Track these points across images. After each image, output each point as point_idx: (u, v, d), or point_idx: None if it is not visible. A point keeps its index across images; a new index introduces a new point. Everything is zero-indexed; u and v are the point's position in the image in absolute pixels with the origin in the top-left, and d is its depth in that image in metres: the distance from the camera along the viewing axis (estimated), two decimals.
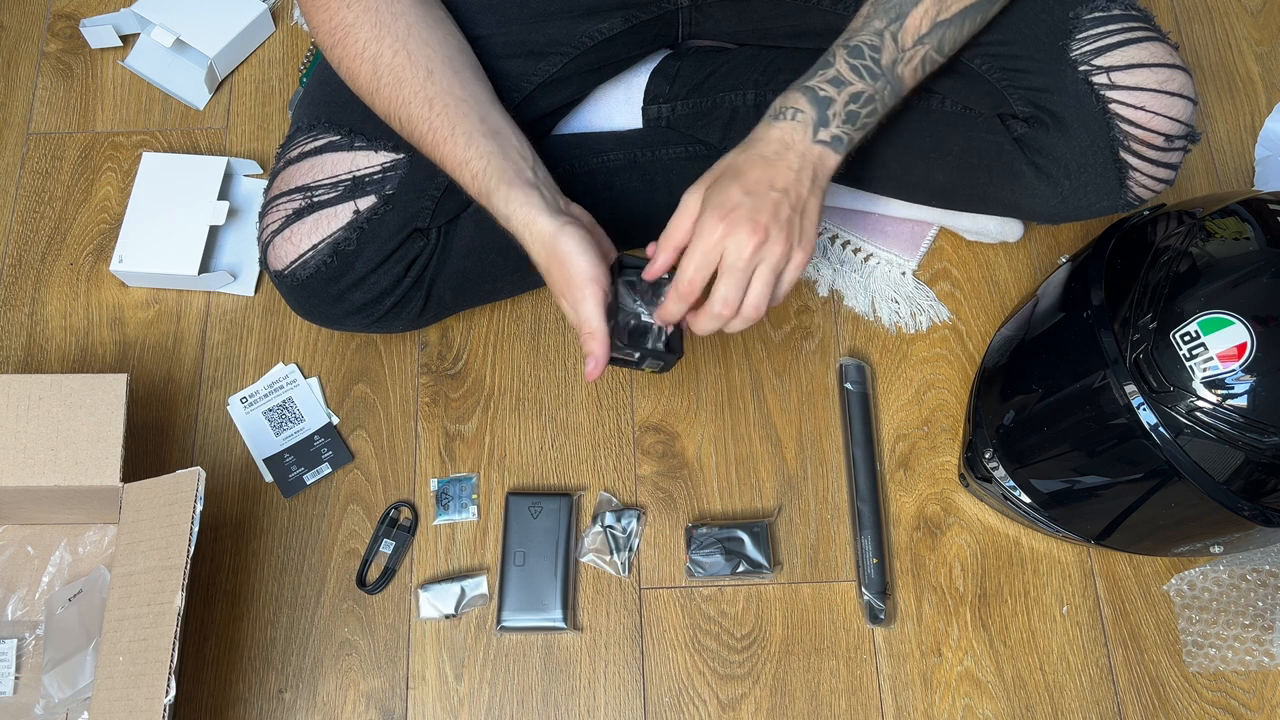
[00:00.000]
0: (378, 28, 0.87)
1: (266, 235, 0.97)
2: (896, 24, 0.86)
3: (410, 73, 0.88)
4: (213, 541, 1.06)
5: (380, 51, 0.88)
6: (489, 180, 0.86)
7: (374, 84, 0.89)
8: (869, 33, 0.86)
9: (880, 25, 0.86)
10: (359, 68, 0.89)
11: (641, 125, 1.14)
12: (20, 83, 1.27)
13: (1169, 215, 0.92)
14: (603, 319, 0.83)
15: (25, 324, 1.15)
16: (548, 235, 0.83)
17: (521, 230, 0.85)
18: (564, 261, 0.83)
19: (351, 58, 0.88)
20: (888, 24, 0.86)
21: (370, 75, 0.88)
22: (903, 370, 1.14)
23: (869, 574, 1.04)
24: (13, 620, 1.02)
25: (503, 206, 0.85)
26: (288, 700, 1.01)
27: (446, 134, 0.87)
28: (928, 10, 0.86)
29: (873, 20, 0.87)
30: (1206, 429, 0.83)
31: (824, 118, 0.84)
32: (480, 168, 0.86)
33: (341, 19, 0.88)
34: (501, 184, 0.85)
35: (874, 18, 0.87)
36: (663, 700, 1.02)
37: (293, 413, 1.11)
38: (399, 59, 0.88)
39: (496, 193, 0.85)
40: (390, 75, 0.88)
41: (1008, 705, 1.02)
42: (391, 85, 0.88)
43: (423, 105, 0.87)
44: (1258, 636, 1.04)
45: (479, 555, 1.06)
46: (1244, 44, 1.32)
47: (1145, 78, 0.91)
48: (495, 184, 0.85)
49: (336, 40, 0.89)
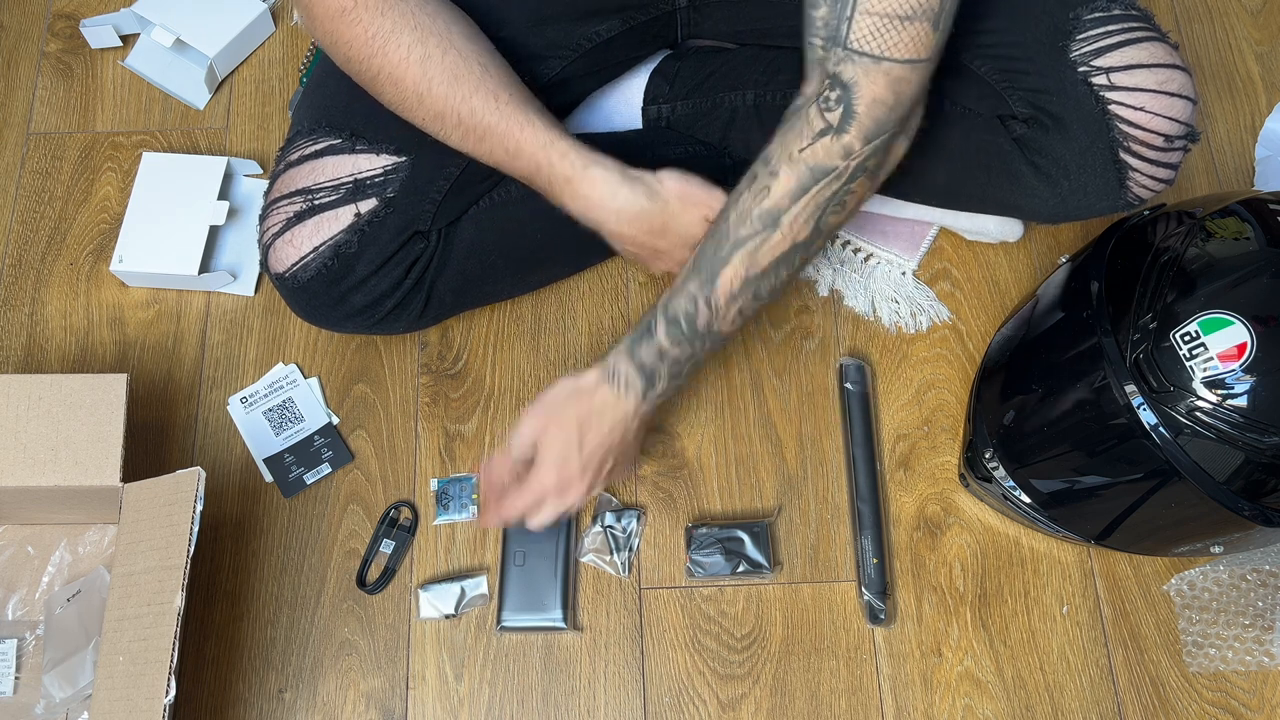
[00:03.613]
0: (419, 30, 0.86)
1: (267, 238, 0.97)
2: (709, 286, 0.86)
3: (465, 69, 0.88)
4: (213, 541, 1.06)
5: (429, 52, 0.87)
6: (582, 156, 0.90)
7: (424, 85, 0.87)
8: (685, 298, 0.87)
9: (694, 289, 0.86)
10: (404, 72, 0.87)
11: (641, 126, 1.14)
12: (20, 83, 1.27)
13: (1169, 215, 0.92)
14: None
15: (25, 324, 1.15)
16: (662, 182, 0.91)
17: (629, 192, 0.90)
18: (696, 196, 0.91)
19: (396, 63, 0.87)
20: (700, 287, 0.86)
21: (420, 76, 0.87)
22: (903, 370, 1.14)
23: (869, 574, 1.04)
24: (13, 620, 1.02)
25: (606, 175, 0.90)
26: (288, 700, 1.01)
27: (523, 120, 0.89)
28: (736, 271, 0.85)
29: (688, 283, 0.87)
30: (1206, 429, 0.83)
31: (649, 386, 0.90)
32: (569, 146, 0.90)
33: (379, 28, 0.86)
34: (598, 155, 0.90)
35: (689, 279, 0.87)
36: (663, 700, 1.02)
37: (293, 413, 1.11)
38: (450, 56, 0.87)
39: (595, 164, 0.90)
40: (444, 73, 0.87)
41: (1008, 705, 1.02)
42: (448, 82, 0.87)
43: (487, 98, 0.88)
44: (1258, 636, 1.04)
45: (479, 555, 1.06)
46: (1244, 44, 1.32)
47: (1145, 78, 0.91)
48: (591, 157, 0.90)
49: (374, 50, 0.87)
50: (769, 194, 0.83)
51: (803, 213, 0.84)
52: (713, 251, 0.86)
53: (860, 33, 0.78)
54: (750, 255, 0.85)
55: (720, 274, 0.86)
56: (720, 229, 0.86)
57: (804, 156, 0.82)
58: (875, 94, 0.80)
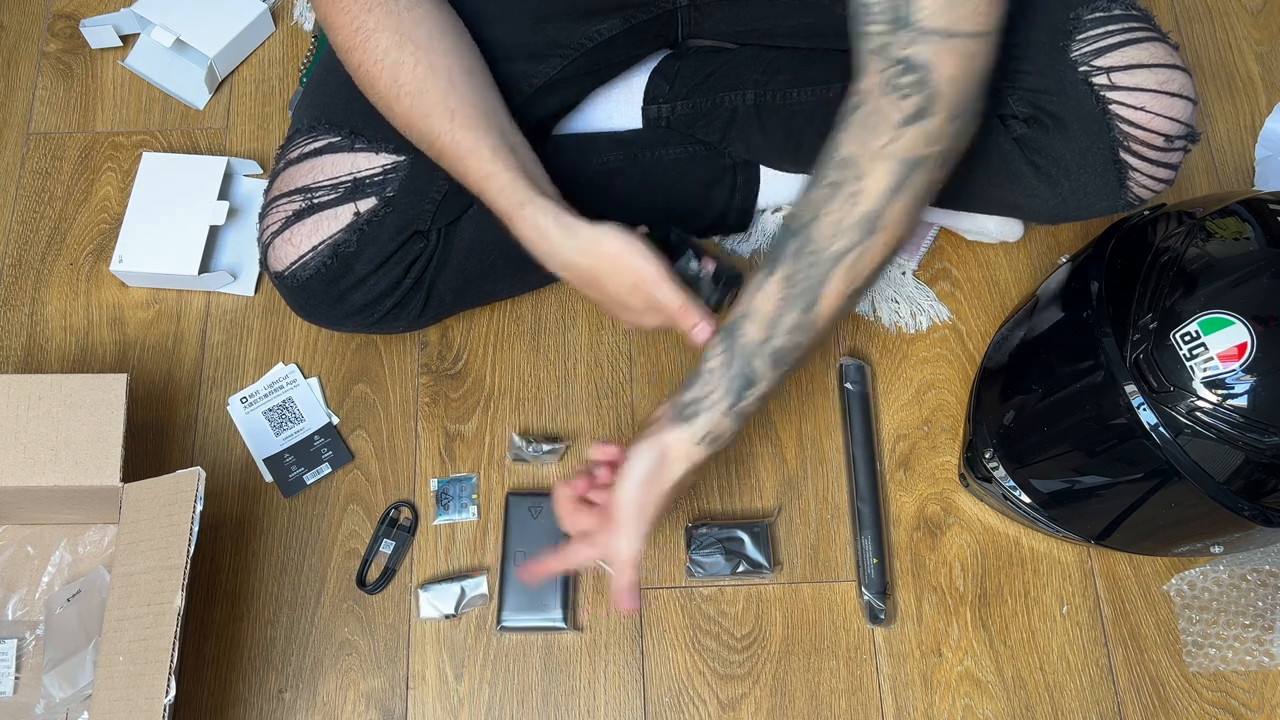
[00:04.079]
0: (399, 34, 0.86)
1: (266, 236, 0.97)
2: (810, 312, 0.80)
3: (432, 83, 0.87)
4: (213, 541, 1.06)
5: (402, 59, 0.86)
6: (518, 193, 0.85)
7: (394, 91, 0.87)
8: (785, 335, 0.80)
9: (794, 320, 0.80)
10: (378, 74, 0.87)
11: (641, 125, 1.14)
12: (20, 83, 1.27)
13: (1169, 215, 0.92)
14: (684, 294, 0.84)
15: (25, 324, 1.15)
16: (594, 239, 0.84)
17: (559, 239, 0.85)
18: (624, 262, 0.84)
19: (372, 63, 0.87)
20: (802, 316, 0.80)
21: (390, 83, 0.87)
22: (903, 370, 1.14)
23: (869, 574, 1.04)
24: (13, 620, 1.02)
25: (536, 218, 0.85)
26: (288, 700, 1.01)
27: (470, 147, 0.86)
28: (838, 288, 0.80)
29: (784, 317, 0.80)
30: (1206, 429, 0.83)
31: (737, 424, 0.83)
32: (507, 181, 0.86)
33: (361, 23, 0.86)
34: (534, 195, 0.85)
35: (786, 312, 0.80)
36: (663, 700, 1.02)
37: (293, 413, 1.11)
38: (420, 68, 0.86)
39: (529, 204, 0.85)
40: (412, 84, 0.87)
41: (1008, 705, 1.02)
42: (413, 94, 0.87)
43: (444, 117, 0.86)
44: (1258, 636, 1.04)
45: (479, 555, 1.06)
46: (1244, 44, 1.32)
47: (1145, 78, 0.91)
48: (526, 195, 0.85)
49: (356, 44, 0.87)
50: (861, 197, 0.78)
51: (900, 209, 0.79)
52: (805, 274, 0.79)
53: (927, 10, 0.75)
54: (851, 269, 0.79)
55: (821, 296, 0.80)
56: (806, 249, 0.79)
57: (893, 150, 0.78)
58: (952, 71, 0.77)
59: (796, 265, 0.80)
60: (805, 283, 0.80)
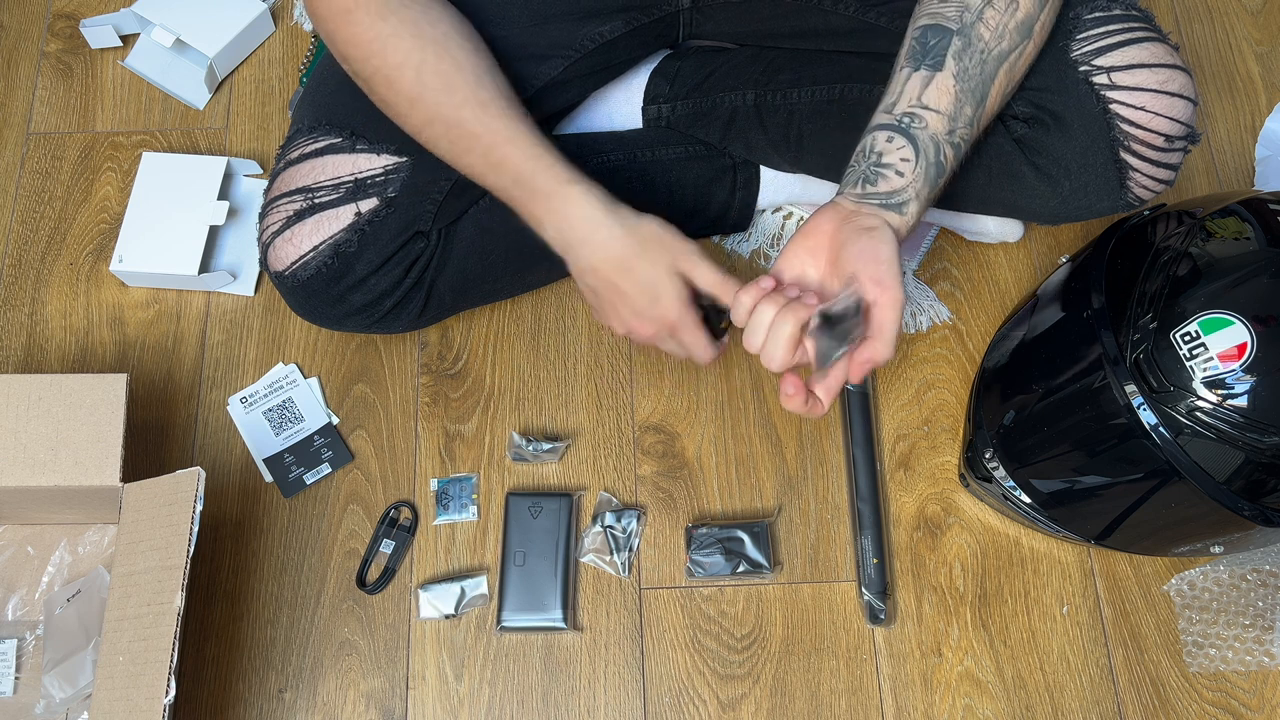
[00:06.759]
0: (419, 37, 0.86)
1: (267, 236, 0.97)
2: (980, 107, 0.86)
3: (459, 78, 0.87)
4: (213, 541, 1.06)
5: (425, 59, 0.86)
6: (566, 171, 0.87)
7: (418, 90, 0.87)
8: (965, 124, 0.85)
9: (969, 114, 0.85)
10: (401, 75, 0.87)
11: (641, 125, 1.14)
12: (20, 83, 1.27)
13: (1169, 215, 0.92)
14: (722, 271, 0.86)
15: (25, 324, 1.15)
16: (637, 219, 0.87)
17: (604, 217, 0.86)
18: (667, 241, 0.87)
19: (393, 66, 0.87)
20: (974, 109, 0.85)
21: (414, 81, 0.87)
22: (903, 370, 1.14)
23: (869, 574, 1.04)
24: (13, 620, 1.02)
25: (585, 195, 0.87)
26: (288, 700, 1.01)
27: (509, 134, 0.87)
28: (1000, 86, 0.86)
29: (962, 111, 0.85)
30: (1206, 429, 0.83)
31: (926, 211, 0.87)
32: (555, 160, 0.87)
33: (379, 31, 0.86)
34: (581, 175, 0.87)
35: (962, 106, 0.85)
36: (663, 700, 1.02)
37: (293, 413, 1.11)
38: (445, 64, 0.87)
39: (578, 182, 0.87)
40: (438, 81, 0.87)
41: (1008, 705, 1.02)
42: (439, 90, 0.87)
43: (477, 107, 0.87)
44: (1258, 636, 1.04)
45: (479, 555, 1.06)
46: (1244, 44, 1.32)
47: (1146, 78, 0.91)
48: (574, 174, 0.87)
49: (374, 51, 0.87)
50: (1020, 5, 0.85)
51: (1048, 20, 0.88)
52: (976, 72, 0.85)
53: None
54: (1010, 70, 0.86)
55: (989, 95, 0.86)
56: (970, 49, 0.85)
57: None
58: None
59: (964, 63, 0.85)
60: (976, 79, 0.85)
